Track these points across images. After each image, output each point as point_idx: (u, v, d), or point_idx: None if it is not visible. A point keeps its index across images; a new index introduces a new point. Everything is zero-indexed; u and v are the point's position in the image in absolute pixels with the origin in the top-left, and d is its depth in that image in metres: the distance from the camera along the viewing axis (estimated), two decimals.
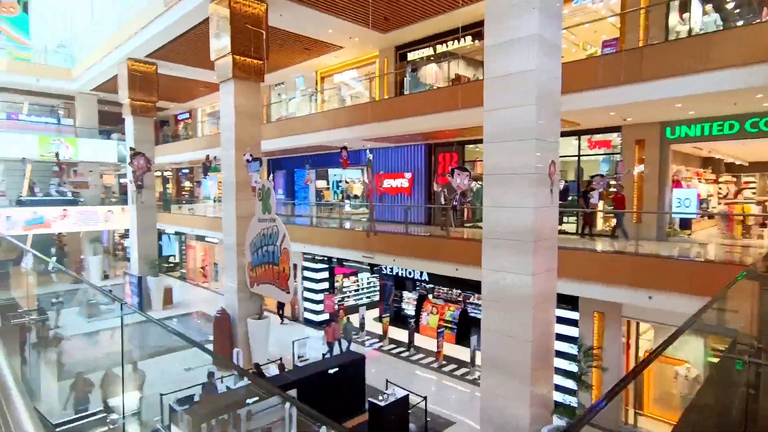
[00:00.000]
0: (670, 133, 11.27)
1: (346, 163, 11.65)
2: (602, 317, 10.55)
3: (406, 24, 14.99)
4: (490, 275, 7.25)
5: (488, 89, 7.16)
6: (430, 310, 16.62)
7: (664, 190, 11.54)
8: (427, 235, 12.94)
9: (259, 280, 11.93)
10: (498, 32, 6.95)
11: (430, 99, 12.80)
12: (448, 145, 15.89)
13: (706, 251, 10.53)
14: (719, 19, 10.39)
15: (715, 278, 7.84)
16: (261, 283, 11.91)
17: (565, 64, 10.10)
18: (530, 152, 6.67)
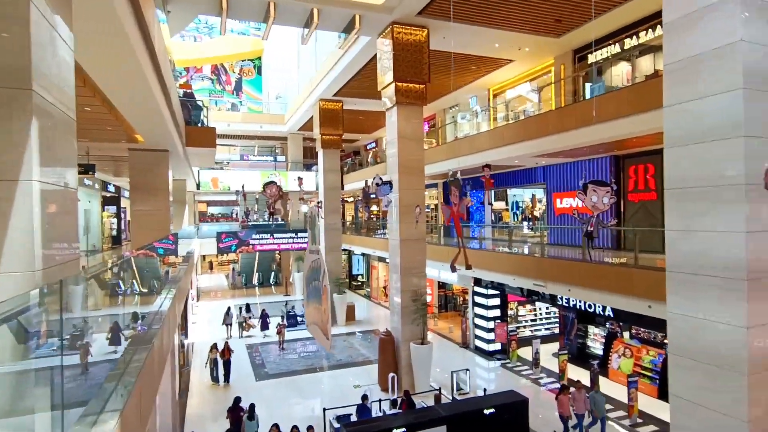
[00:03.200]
0: None
1: (489, 183, 10.61)
2: None
3: (581, 23, 13.24)
4: (679, 322, 5.43)
5: (669, 77, 5.51)
6: (623, 352, 13.82)
7: None
8: (607, 263, 10.84)
9: (310, 319, 11.15)
10: (679, 2, 5.32)
11: (611, 102, 10.84)
12: (643, 155, 13.23)
13: None
14: None
15: None
16: (311, 323, 10.99)
17: None
18: (736, 155, 4.81)
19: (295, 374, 15.33)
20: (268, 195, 14.07)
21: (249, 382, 14.64)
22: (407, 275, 13.61)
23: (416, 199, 13.58)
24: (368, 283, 30.51)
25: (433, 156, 18.28)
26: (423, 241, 13.98)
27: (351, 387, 13.64)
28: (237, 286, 32.16)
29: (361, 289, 31.00)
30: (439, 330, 20.23)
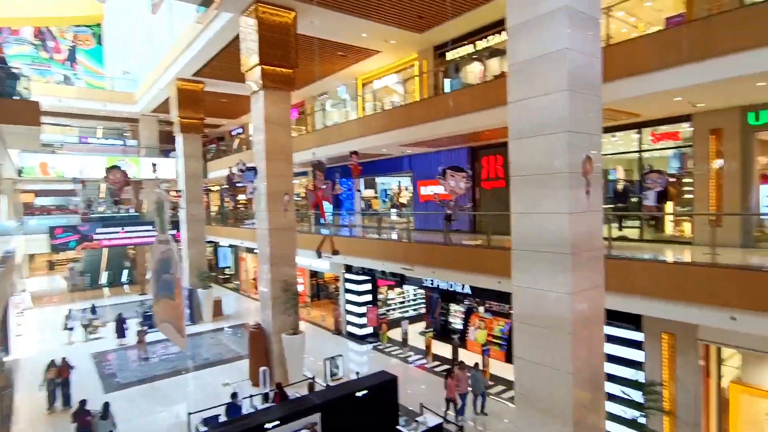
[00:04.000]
0: (754, 118, 9.45)
1: (357, 170, 10.89)
2: (672, 339, 8.94)
3: (441, 21, 14.13)
4: (521, 293, 6.19)
5: (512, 77, 6.16)
6: (478, 325, 15.41)
7: (749, 187, 9.70)
8: (464, 245, 11.90)
9: (161, 317, 10.47)
10: (520, 9, 5.96)
11: (466, 97, 11.80)
12: (493, 147, 14.73)
13: None
14: None
15: None
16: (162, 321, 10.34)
17: (616, 46, 8.89)
18: (561, 148, 5.59)
19: (155, 380, 13.94)
20: (112, 182, 12.32)
21: (96, 395, 12.86)
22: (277, 265, 13.23)
23: (285, 187, 13.22)
24: (237, 275, 29.04)
25: (303, 143, 17.96)
26: (293, 229, 13.70)
27: (220, 386, 12.87)
28: (80, 288, 27.91)
29: (230, 283, 29.39)
30: (312, 319, 20.18)
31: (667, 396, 8.93)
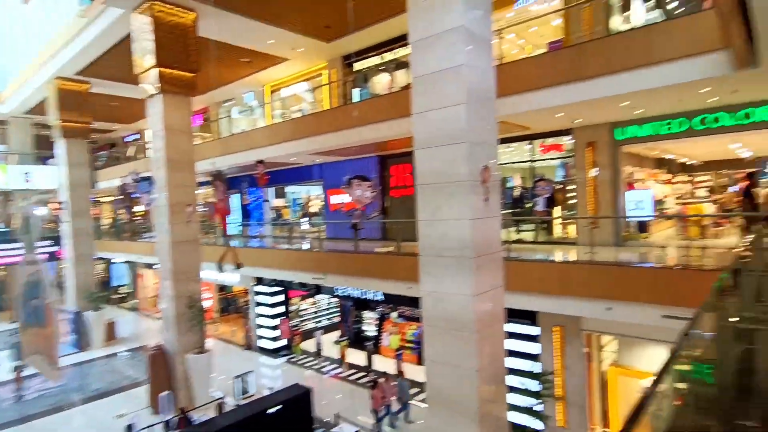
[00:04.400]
0: (620, 133, 10.89)
1: (263, 179, 10.67)
2: (562, 331, 9.89)
3: (349, 32, 14.34)
4: (429, 297, 6.46)
5: (416, 89, 6.46)
6: (391, 331, 15.72)
7: (618, 193, 11.12)
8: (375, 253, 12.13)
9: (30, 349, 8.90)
10: (421, 26, 6.29)
11: (374, 107, 12.09)
12: (401, 156, 15.21)
13: (665, 255, 10.09)
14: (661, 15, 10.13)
15: (673, 284, 7.30)
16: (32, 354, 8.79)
17: (507, 65, 9.70)
18: (462, 157, 5.97)
19: (32, 419, 12.19)
20: None
21: None
22: (181, 280, 12.36)
23: (187, 197, 12.43)
24: (134, 294, 26.56)
25: (207, 151, 17.03)
26: (197, 242, 12.91)
27: (113, 419, 11.64)
28: None
29: (126, 302, 26.77)
30: (221, 335, 19.13)
31: (559, 383, 9.85)
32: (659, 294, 7.32)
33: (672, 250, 10.47)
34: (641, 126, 10.60)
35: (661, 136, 10.55)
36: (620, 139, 10.97)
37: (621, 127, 10.88)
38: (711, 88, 8.07)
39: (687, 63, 7.22)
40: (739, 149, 15.27)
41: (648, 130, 10.55)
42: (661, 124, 10.36)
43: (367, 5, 12.34)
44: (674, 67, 7.34)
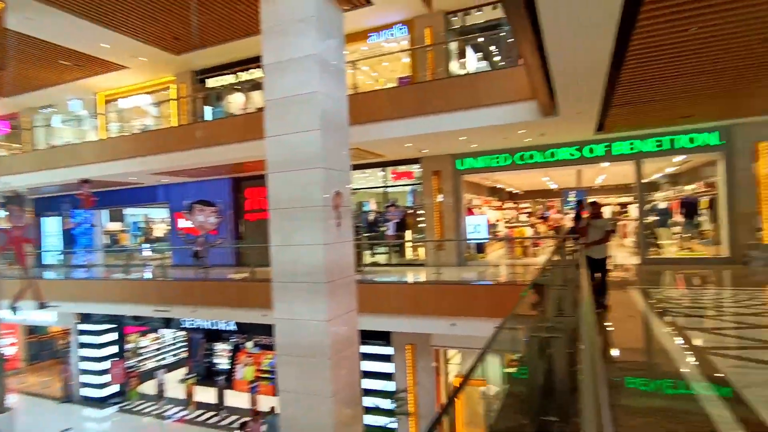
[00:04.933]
0: (460, 164, 12.20)
1: (89, 201, 9.40)
2: (414, 349, 10.45)
3: (200, 47, 13.53)
4: (282, 324, 6.25)
5: (269, 112, 6.33)
6: (246, 362, 14.77)
7: (460, 218, 12.36)
8: (227, 280, 11.40)
9: None
10: (275, 50, 6.24)
11: (228, 127, 11.53)
12: (257, 178, 14.70)
13: (498, 272, 11.47)
14: (488, 65, 11.80)
15: (504, 298, 8.28)
16: None
17: (362, 95, 10.20)
18: (316, 182, 6.00)
19: None
20: None
21: None
22: None
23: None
24: None
25: (18, 166, 14.26)
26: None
27: None
28: None
29: None
30: (29, 388, 15.74)
31: (412, 399, 10.34)
32: (493, 308, 8.22)
33: (503, 268, 11.98)
34: (476, 159, 12.04)
35: (492, 168, 12.11)
36: (461, 169, 12.28)
37: (461, 158, 12.20)
38: (526, 131, 9.58)
39: (507, 108, 8.47)
40: (548, 182, 18.36)
41: (482, 163, 12.03)
42: (492, 158, 11.91)
43: (220, 22, 11.85)
44: (498, 110, 8.56)
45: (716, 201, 10.87)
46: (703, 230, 12.07)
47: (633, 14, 4.41)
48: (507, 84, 8.52)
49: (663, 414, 3.25)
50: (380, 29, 11.96)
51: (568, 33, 4.76)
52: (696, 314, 6.15)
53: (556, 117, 8.25)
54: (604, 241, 6.90)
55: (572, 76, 6.11)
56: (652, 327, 5.58)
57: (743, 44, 5.41)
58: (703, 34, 5.04)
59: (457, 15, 11.48)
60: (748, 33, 5.09)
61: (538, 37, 4.87)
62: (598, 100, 7.37)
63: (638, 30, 4.79)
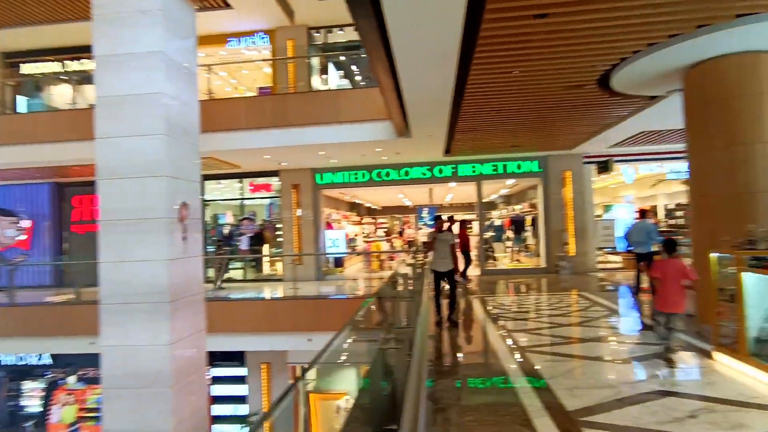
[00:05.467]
0: (320, 179, 12.28)
1: None
2: (269, 368, 10.05)
3: (11, 24, 11.32)
4: (112, 352, 5.44)
5: (101, 110, 5.54)
6: (65, 401, 12.48)
7: (319, 232, 12.38)
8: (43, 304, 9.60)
9: None
10: (110, 40, 5.52)
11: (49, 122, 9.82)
12: (87, 185, 12.73)
13: (355, 286, 11.74)
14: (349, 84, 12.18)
15: None
16: None
17: (219, 101, 9.64)
18: (159, 192, 5.41)
19: None
20: None
21: None
22: None
23: None
24: None
25: None
26: None
27: None
28: None
29: None
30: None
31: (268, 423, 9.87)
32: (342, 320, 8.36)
33: (361, 282, 12.31)
34: (335, 174, 12.25)
35: (350, 184, 12.45)
36: (320, 183, 12.35)
37: (320, 173, 12.28)
38: (382, 149, 10.10)
39: (366, 126, 8.83)
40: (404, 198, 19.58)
41: (341, 178, 12.28)
42: (351, 174, 12.25)
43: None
44: (357, 127, 8.87)
45: (537, 219, 12.80)
46: (528, 244, 14.09)
47: (469, 52, 5.00)
48: (366, 103, 8.88)
49: (490, 409, 3.64)
50: (241, 35, 11.50)
51: (417, 62, 5.17)
52: (521, 318, 7.10)
53: (409, 138, 8.86)
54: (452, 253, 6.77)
55: (422, 101, 6.64)
56: (487, 331, 6.26)
57: (552, 90, 6.52)
58: (523, 77, 5.94)
59: (320, 32, 11.66)
60: (556, 81, 6.17)
61: (391, 63, 5.19)
62: (444, 125, 8.14)
63: (474, 66, 5.44)
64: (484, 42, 4.80)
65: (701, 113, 5.58)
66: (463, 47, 4.77)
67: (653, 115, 7.99)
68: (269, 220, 13.02)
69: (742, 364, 4.11)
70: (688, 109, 5.81)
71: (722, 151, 5.32)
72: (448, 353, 5.63)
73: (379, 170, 12.20)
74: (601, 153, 11.75)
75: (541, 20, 4.38)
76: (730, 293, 4.28)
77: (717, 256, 4.49)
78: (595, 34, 4.75)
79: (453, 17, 4.09)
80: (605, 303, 7.65)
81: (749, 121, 5.16)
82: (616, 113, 7.99)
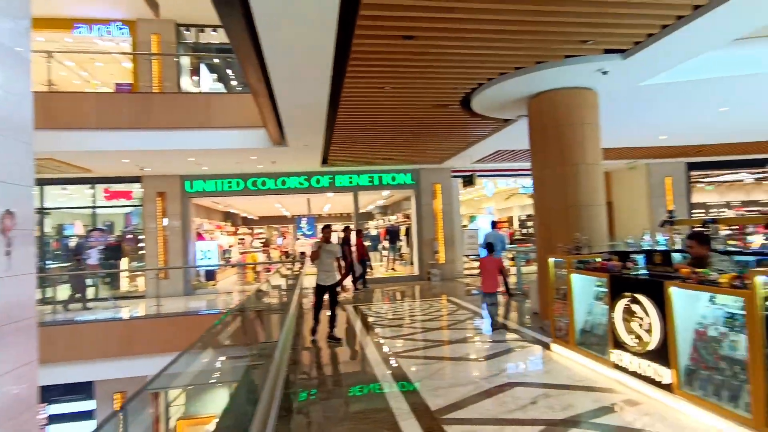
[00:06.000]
0: (189, 186, 11.42)
1: None
2: (124, 398, 8.94)
3: None
4: None
5: None
6: None
7: (188, 243, 11.47)
8: None
9: None
10: None
11: None
12: None
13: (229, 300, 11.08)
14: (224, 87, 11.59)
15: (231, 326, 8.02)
16: None
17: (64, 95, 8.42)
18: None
19: None
20: None
21: None
22: None
23: None
24: None
25: None
26: None
27: None
28: None
29: None
30: None
31: None
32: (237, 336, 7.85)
33: (236, 295, 11.65)
34: (207, 182, 11.51)
35: (224, 193, 11.79)
36: (190, 191, 11.48)
37: (191, 180, 11.42)
38: (257, 157, 9.78)
39: (240, 133, 8.47)
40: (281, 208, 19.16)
41: (213, 186, 11.57)
42: (224, 182, 11.62)
43: None
44: (230, 134, 8.46)
45: (410, 229, 13.50)
46: (402, 253, 14.77)
47: (343, 65, 5.12)
48: (242, 109, 8.52)
49: (362, 416, 3.71)
50: (93, 23, 10.22)
51: (291, 71, 5.13)
52: (396, 324, 7.38)
53: (285, 147, 8.71)
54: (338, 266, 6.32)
55: (297, 110, 6.60)
56: (363, 340, 6.38)
57: (421, 107, 6.98)
58: (395, 93, 6.26)
59: (190, 30, 10.92)
60: (425, 99, 6.62)
61: (264, 69, 5.07)
62: (321, 135, 8.17)
63: (348, 80, 5.58)
64: (357, 57, 4.95)
65: (541, 137, 6.46)
66: (336, 60, 4.86)
67: (507, 136, 9.02)
68: (129, 230, 11.70)
69: (572, 353, 4.79)
70: (531, 133, 6.68)
71: (556, 170, 6.22)
72: (325, 364, 5.60)
73: (255, 179, 11.78)
74: (466, 168, 12.89)
75: (410, 41, 4.68)
76: (563, 292, 4.99)
77: (553, 260, 5.21)
78: (457, 59, 5.22)
79: (325, 31, 4.15)
80: (470, 306, 8.34)
81: (576, 145, 6.11)
82: (477, 132, 8.85)
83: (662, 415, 3.36)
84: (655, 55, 5.13)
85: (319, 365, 5.53)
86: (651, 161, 13.26)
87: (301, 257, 11.32)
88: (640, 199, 13.80)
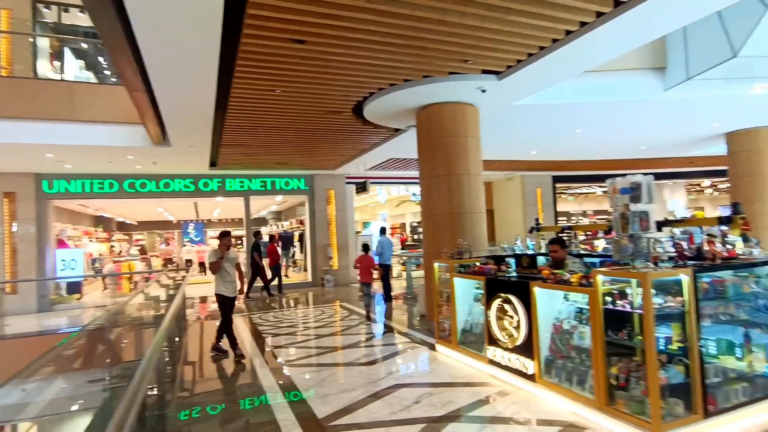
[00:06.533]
0: (48, 186, 9.98)
1: None
2: None
3: None
4: None
5: None
6: None
7: (46, 251, 9.99)
8: None
9: None
10: None
11: None
12: None
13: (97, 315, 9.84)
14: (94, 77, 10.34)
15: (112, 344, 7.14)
16: None
17: None
18: None
19: None
20: None
21: None
22: None
23: None
24: None
25: None
26: None
27: None
28: None
29: None
30: None
31: None
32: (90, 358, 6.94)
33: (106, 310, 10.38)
34: (72, 182, 10.16)
35: (94, 194, 10.50)
36: (49, 192, 10.03)
37: (49, 179, 9.99)
38: (135, 157, 8.89)
39: (113, 128, 7.63)
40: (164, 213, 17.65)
41: (80, 187, 10.25)
42: (95, 183, 10.36)
43: None
44: (101, 129, 7.57)
45: (305, 235, 13.30)
46: (296, 259, 14.48)
47: (231, 64, 4.89)
48: (115, 102, 7.67)
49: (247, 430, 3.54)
50: None
51: (172, 67, 4.75)
52: (290, 332, 7.18)
53: (168, 147, 8.05)
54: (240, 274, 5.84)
55: (180, 109, 6.14)
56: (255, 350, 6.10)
57: (313, 112, 6.94)
58: (286, 97, 6.14)
59: (50, 8, 9.59)
60: (317, 104, 6.59)
61: (140, 62, 4.63)
62: (208, 136, 7.70)
63: (237, 80, 5.34)
64: (246, 57, 4.77)
65: (428, 147, 6.82)
66: (223, 58, 4.63)
67: (398, 145, 9.36)
68: None
69: (454, 352, 5.10)
70: (420, 142, 7.02)
71: (442, 179, 6.61)
72: (210, 379, 5.24)
73: (133, 180, 10.68)
74: (360, 175, 13.10)
75: (300, 45, 4.62)
76: (447, 295, 5.29)
77: (438, 264, 5.51)
78: (348, 67, 5.28)
79: (210, 27, 3.92)
80: (362, 312, 8.45)
81: (460, 156, 6.56)
82: (369, 140, 9.05)
83: (527, 403, 3.73)
84: (523, 79, 5.73)
85: (204, 381, 5.17)
86: (525, 173, 14.74)
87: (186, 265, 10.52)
88: (516, 207, 15.25)
